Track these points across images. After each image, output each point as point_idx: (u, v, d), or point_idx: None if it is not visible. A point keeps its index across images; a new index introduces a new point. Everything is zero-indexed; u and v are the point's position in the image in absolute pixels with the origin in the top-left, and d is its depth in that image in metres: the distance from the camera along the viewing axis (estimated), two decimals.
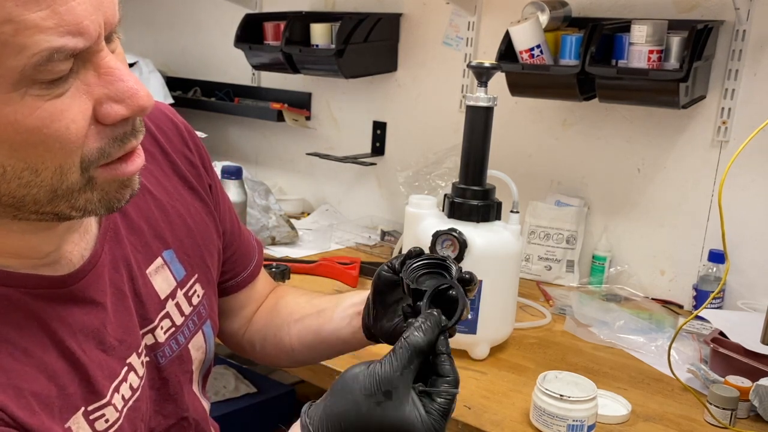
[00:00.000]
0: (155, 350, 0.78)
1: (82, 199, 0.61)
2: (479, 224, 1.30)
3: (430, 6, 2.03)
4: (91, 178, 0.60)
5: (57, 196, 0.59)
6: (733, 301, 1.61)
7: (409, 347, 0.64)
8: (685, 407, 1.20)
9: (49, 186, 0.58)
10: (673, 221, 1.71)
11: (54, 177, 0.57)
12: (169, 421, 0.80)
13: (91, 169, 0.59)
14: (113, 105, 0.58)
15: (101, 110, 0.58)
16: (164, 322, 0.80)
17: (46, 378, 0.63)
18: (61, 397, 0.64)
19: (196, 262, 0.86)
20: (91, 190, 0.61)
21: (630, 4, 1.70)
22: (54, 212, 0.61)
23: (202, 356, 0.86)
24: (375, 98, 2.20)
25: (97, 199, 0.62)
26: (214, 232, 0.90)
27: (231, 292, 0.98)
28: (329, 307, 0.95)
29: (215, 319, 0.90)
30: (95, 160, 0.59)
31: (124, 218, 0.77)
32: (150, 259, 0.79)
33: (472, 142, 1.31)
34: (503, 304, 1.33)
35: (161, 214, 0.82)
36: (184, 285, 0.84)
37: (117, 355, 0.71)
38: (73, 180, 0.58)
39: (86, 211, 0.62)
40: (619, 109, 1.74)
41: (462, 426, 1.12)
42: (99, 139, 0.59)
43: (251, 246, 1.01)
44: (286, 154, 2.48)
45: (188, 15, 2.67)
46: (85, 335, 0.68)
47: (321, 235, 2.05)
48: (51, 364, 0.64)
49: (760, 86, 1.56)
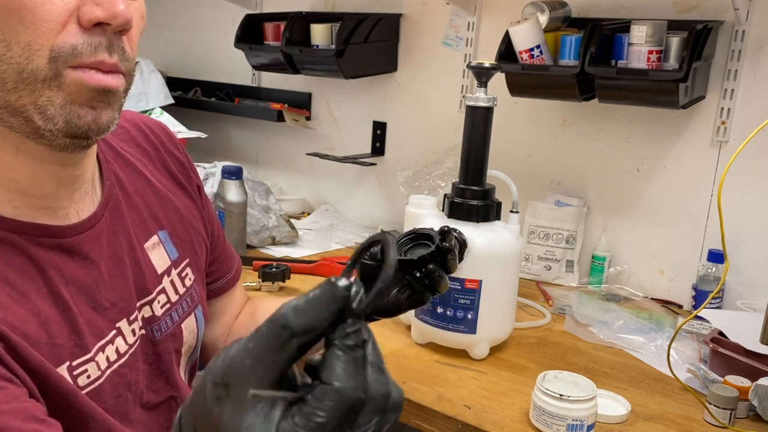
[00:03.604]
0: (151, 323, 0.81)
1: (45, 95, 0.62)
2: (479, 224, 1.30)
3: (430, 6, 2.03)
4: (59, 74, 0.61)
5: (22, 79, 0.61)
6: (733, 300, 1.61)
7: (272, 324, 0.41)
8: (685, 407, 1.21)
9: (17, 65, 0.60)
10: (673, 221, 1.71)
11: (22, 56, 0.60)
12: (159, 397, 0.82)
13: (59, 62, 0.61)
14: (93, 7, 0.61)
15: (82, 9, 0.61)
16: (161, 296, 0.83)
17: (38, 323, 0.66)
18: (49, 345, 0.66)
19: (187, 248, 0.89)
20: (57, 87, 0.62)
21: (629, 5, 1.70)
22: (18, 106, 0.62)
23: (193, 341, 0.89)
24: (375, 98, 2.20)
25: (59, 104, 0.62)
26: (203, 228, 0.94)
27: (213, 296, 1.01)
28: None
29: (206, 308, 0.93)
30: (65, 54, 0.61)
31: (124, 194, 0.81)
32: (147, 235, 0.83)
33: (472, 142, 1.31)
34: (503, 303, 1.33)
35: (156, 198, 0.86)
36: (178, 265, 0.87)
37: (106, 317, 0.74)
38: (38, 65, 0.60)
39: (46, 117, 0.62)
40: (618, 109, 1.75)
41: (462, 426, 1.12)
42: (74, 37, 0.61)
43: (232, 253, 1.06)
44: (286, 154, 2.48)
45: (189, 15, 2.67)
46: (77, 288, 0.71)
47: (321, 235, 2.05)
48: (44, 310, 0.66)
49: (760, 86, 1.56)
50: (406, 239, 0.85)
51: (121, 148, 0.85)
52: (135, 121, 0.91)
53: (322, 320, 0.41)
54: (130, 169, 0.84)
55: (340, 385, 0.40)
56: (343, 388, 0.40)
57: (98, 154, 0.80)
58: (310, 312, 0.41)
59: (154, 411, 0.81)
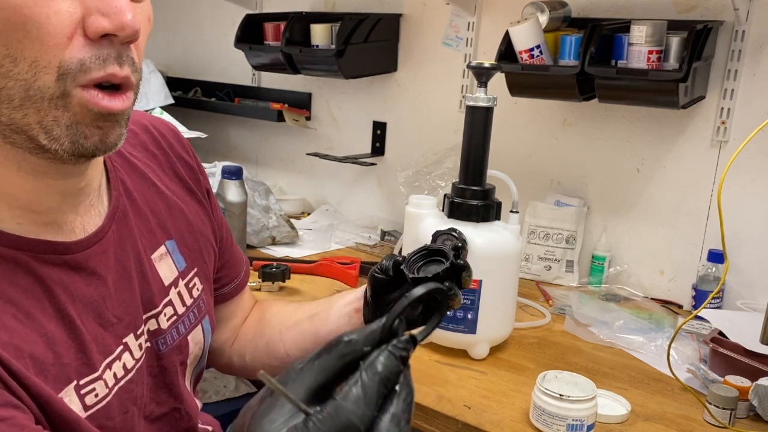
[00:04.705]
0: (157, 336, 0.79)
1: (52, 115, 0.60)
2: (479, 224, 1.30)
3: (430, 6, 2.03)
4: (66, 93, 0.60)
5: (29, 96, 0.59)
6: (733, 300, 1.61)
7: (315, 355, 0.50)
8: (685, 407, 1.21)
9: (24, 81, 0.58)
10: (673, 221, 1.71)
11: (29, 71, 0.58)
12: (162, 409, 0.81)
13: (68, 80, 0.59)
14: (99, 17, 0.59)
15: (88, 20, 0.59)
16: (167, 309, 0.81)
17: (44, 343, 0.64)
18: (56, 366, 0.65)
19: (195, 257, 0.88)
20: (63, 107, 0.60)
21: (629, 5, 1.70)
22: (23, 125, 0.60)
23: (199, 352, 0.88)
24: (375, 98, 2.20)
25: (65, 124, 0.60)
26: (211, 235, 0.93)
27: (221, 301, 1.00)
28: (321, 310, 0.97)
29: (213, 317, 0.92)
30: (74, 71, 0.59)
31: (131, 203, 0.79)
32: (155, 245, 0.81)
33: (472, 142, 1.31)
34: (503, 303, 1.33)
35: (164, 206, 0.84)
36: (185, 276, 0.85)
37: (113, 333, 0.72)
38: (45, 82, 0.59)
39: (51, 137, 0.61)
40: (618, 109, 1.75)
41: (462, 425, 1.12)
42: (81, 51, 0.59)
43: (240, 256, 1.04)
44: (286, 154, 2.48)
45: (189, 15, 2.67)
46: (84, 305, 0.69)
47: (321, 235, 2.05)
48: (51, 330, 0.65)
49: (760, 86, 1.56)
50: (418, 256, 0.84)
51: (129, 154, 0.83)
52: (143, 123, 0.89)
53: (366, 340, 0.49)
54: (138, 176, 0.82)
55: (344, 404, 0.43)
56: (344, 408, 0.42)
57: (105, 161, 0.77)
58: (358, 332, 0.50)
59: (157, 423, 0.80)
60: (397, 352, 0.48)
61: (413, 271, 0.82)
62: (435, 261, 0.83)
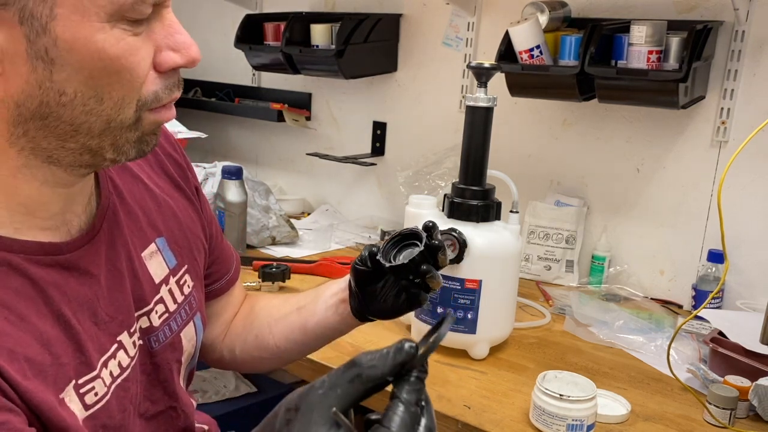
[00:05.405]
0: (149, 334, 0.80)
1: (125, 137, 0.66)
2: (479, 224, 1.30)
3: (430, 6, 2.03)
4: (140, 119, 0.66)
5: (109, 128, 0.64)
6: (733, 300, 1.61)
7: (346, 363, 0.56)
8: (685, 407, 1.21)
9: (107, 117, 0.63)
10: (673, 221, 1.71)
11: (113, 108, 0.63)
12: (157, 407, 0.81)
13: (143, 109, 0.65)
14: (171, 53, 0.66)
15: (160, 57, 0.65)
16: (158, 306, 0.82)
17: (40, 345, 0.64)
18: (55, 366, 0.65)
19: (185, 254, 0.88)
20: (135, 129, 0.66)
21: (629, 5, 1.70)
22: (96, 148, 0.65)
23: (192, 349, 0.88)
24: (375, 98, 2.20)
25: (134, 140, 0.67)
26: (201, 232, 0.93)
27: (212, 297, 1.00)
28: (308, 302, 0.99)
29: (204, 314, 0.92)
30: (149, 102, 0.65)
31: (121, 202, 0.79)
32: (145, 243, 0.82)
33: (472, 142, 1.31)
34: (503, 303, 1.33)
35: (154, 204, 0.85)
36: (176, 273, 0.86)
37: (107, 331, 0.73)
38: (127, 115, 0.64)
39: (120, 152, 0.67)
40: (618, 109, 1.75)
41: (462, 425, 1.12)
42: (155, 84, 0.65)
43: (231, 252, 1.05)
44: (286, 154, 2.48)
45: (188, 15, 2.67)
46: (79, 305, 0.70)
47: (321, 235, 2.05)
48: (47, 331, 0.65)
49: (760, 86, 1.56)
50: (392, 243, 0.84)
51: None
52: None
53: (386, 366, 0.54)
54: (127, 174, 0.83)
55: (395, 430, 0.51)
56: None
57: None
58: (378, 357, 0.54)
59: (153, 421, 0.81)
60: (423, 376, 0.56)
61: (389, 259, 0.82)
62: (410, 245, 0.83)
